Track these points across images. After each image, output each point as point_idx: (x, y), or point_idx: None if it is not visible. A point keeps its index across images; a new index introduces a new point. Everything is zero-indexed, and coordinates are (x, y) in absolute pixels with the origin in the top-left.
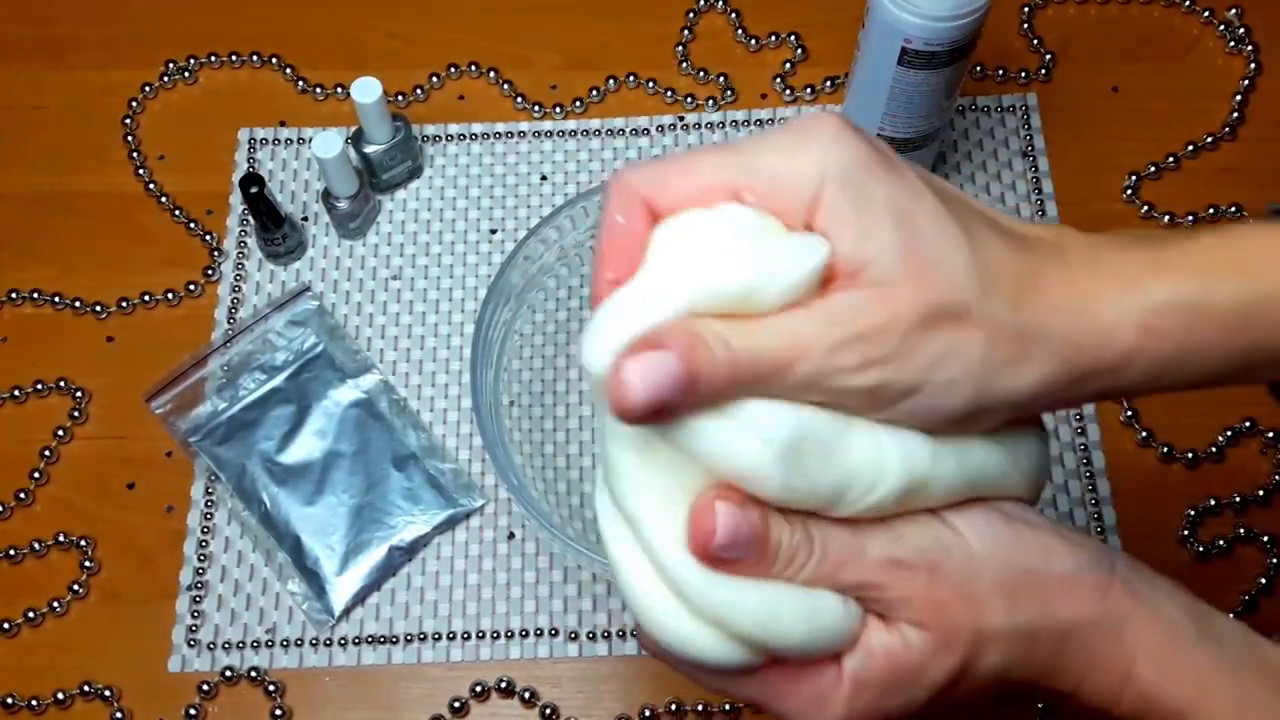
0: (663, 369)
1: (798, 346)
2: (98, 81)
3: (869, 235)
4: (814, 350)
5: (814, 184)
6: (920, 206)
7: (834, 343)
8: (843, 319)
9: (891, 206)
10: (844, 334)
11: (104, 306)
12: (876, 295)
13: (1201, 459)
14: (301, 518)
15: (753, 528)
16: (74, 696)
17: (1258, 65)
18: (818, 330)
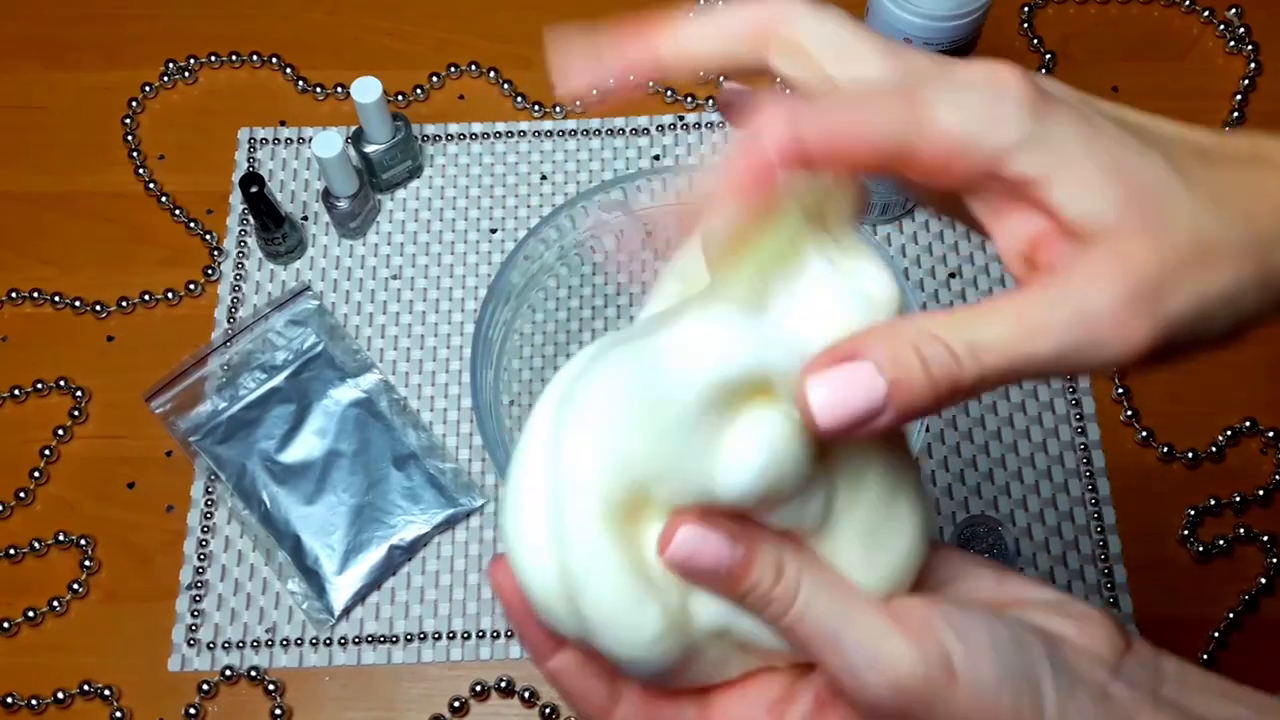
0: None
1: (1036, 325)
2: (98, 81)
3: (1081, 191)
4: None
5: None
6: (1120, 144)
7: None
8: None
9: (1094, 154)
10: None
11: (104, 306)
12: (1115, 250)
13: (1202, 458)
14: (301, 517)
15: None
16: (74, 696)
17: (1257, 65)
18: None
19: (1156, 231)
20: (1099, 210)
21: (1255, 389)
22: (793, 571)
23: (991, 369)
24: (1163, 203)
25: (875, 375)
